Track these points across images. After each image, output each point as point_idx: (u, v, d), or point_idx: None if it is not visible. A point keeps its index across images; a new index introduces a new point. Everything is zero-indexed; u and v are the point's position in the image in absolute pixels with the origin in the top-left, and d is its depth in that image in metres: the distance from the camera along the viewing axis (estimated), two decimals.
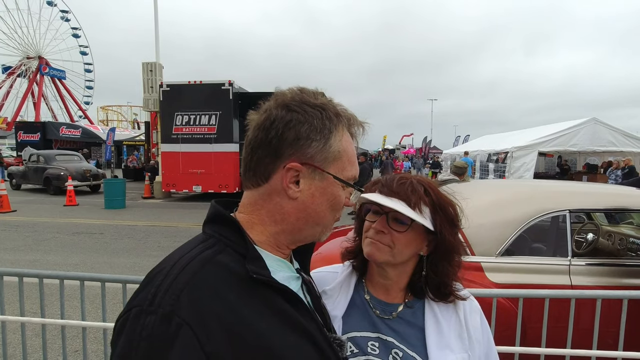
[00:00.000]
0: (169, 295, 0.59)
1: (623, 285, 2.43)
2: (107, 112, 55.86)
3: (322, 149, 0.71)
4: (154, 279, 0.63)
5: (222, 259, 0.67)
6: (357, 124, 0.79)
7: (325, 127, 0.72)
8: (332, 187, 0.74)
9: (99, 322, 2.20)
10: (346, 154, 0.75)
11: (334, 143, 0.73)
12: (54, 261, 6.36)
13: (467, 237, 2.62)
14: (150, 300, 0.59)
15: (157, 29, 16.67)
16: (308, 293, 0.82)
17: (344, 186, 0.76)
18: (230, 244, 0.70)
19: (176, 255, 0.68)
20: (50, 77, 49.16)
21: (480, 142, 21.90)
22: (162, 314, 0.57)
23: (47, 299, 2.27)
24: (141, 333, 0.56)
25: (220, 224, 0.73)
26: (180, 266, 0.64)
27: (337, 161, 0.74)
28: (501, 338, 2.05)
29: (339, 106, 0.77)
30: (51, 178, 15.53)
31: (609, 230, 3.82)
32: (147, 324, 0.56)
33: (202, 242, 0.70)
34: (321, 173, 0.72)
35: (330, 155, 0.73)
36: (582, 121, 13.28)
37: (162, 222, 9.95)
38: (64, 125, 32.25)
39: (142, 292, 0.62)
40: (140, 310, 0.58)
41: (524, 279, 2.49)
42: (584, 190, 3.15)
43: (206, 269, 0.64)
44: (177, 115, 13.67)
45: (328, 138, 0.72)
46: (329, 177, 0.73)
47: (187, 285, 0.60)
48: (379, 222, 0.94)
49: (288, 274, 0.76)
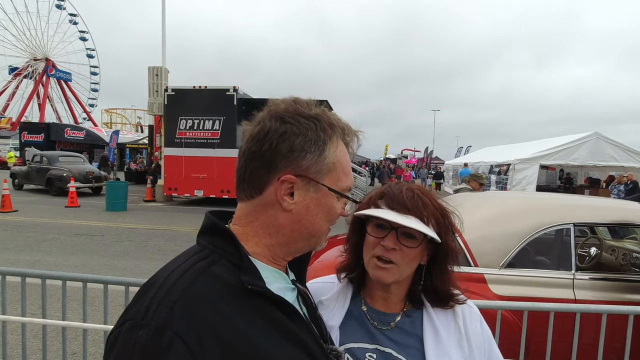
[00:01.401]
0: (162, 308, 0.58)
1: (627, 300, 2.42)
2: (111, 114, 56.28)
3: (316, 161, 0.71)
4: (148, 292, 0.62)
5: (216, 270, 0.66)
6: (352, 133, 0.79)
7: (320, 138, 0.72)
8: (326, 199, 0.73)
9: (100, 325, 2.20)
10: (340, 165, 0.75)
11: (329, 154, 0.72)
12: (54, 262, 6.35)
13: (471, 248, 2.61)
14: (143, 313, 0.58)
15: (164, 33, 16.84)
16: (304, 304, 0.81)
17: (338, 197, 0.75)
18: (225, 255, 0.69)
19: (170, 267, 0.67)
20: (56, 79, 49.64)
21: (482, 153, 21.93)
22: (155, 327, 0.56)
23: (47, 300, 2.26)
24: (134, 347, 0.56)
25: (215, 235, 0.72)
26: (174, 278, 0.63)
27: (331, 172, 0.73)
28: (505, 351, 2.03)
29: (333, 116, 0.76)
30: (54, 179, 15.56)
31: (613, 245, 3.80)
32: (139, 338, 0.56)
33: (196, 253, 0.70)
34: (316, 185, 0.72)
35: (325, 167, 0.72)
36: (584, 135, 13.33)
37: (163, 226, 9.96)
38: (68, 126, 32.43)
39: (135, 305, 0.61)
40: (133, 323, 0.58)
41: (527, 291, 2.48)
42: (588, 203, 3.14)
43: (200, 280, 0.63)
44: (181, 120, 13.75)
45: (322, 150, 0.72)
46: (324, 188, 0.72)
47: (180, 297, 0.60)
48: (390, 239, 0.90)
49: (283, 285, 0.76)
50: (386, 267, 0.90)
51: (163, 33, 16.83)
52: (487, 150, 22.46)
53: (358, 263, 1.00)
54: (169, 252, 7.17)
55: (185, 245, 6.54)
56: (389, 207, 0.91)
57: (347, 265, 1.03)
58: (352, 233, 1.02)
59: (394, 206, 0.91)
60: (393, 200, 0.92)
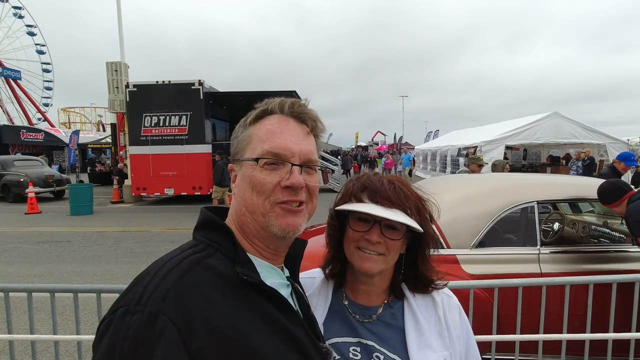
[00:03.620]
0: (155, 295, 0.59)
1: (587, 270, 2.58)
2: (69, 114, 53.27)
3: (238, 144, 0.78)
4: (142, 280, 0.63)
5: (211, 262, 0.68)
6: (273, 103, 0.77)
7: (241, 125, 0.79)
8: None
9: (72, 335, 2.11)
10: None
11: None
12: (17, 273, 6.01)
13: (443, 230, 2.70)
14: (137, 300, 0.59)
15: (121, 26, 16.05)
16: (298, 301, 0.82)
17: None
18: (220, 249, 0.71)
19: (164, 259, 0.68)
20: (4, 78, 46.28)
21: (450, 137, 22.56)
22: (148, 312, 0.57)
23: (12, 313, 2.14)
24: (127, 332, 0.56)
25: (211, 229, 0.74)
26: (168, 268, 0.64)
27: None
28: (478, 328, 2.13)
29: (266, 102, 0.79)
30: (10, 185, 14.69)
31: (573, 219, 4.04)
32: (132, 323, 0.57)
33: (192, 247, 0.71)
34: (240, 163, 0.76)
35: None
36: (544, 115, 13.98)
37: (133, 227, 9.61)
38: (23, 128, 30.54)
39: (129, 293, 0.62)
40: (126, 310, 0.59)
41: (497, 269, 2.60)
42: (549, 181, 3.31)
43: (194, 271, 0.64)
44: (145, 117, 13.23)
45: (242, 132, 0.78)
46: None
47: (174, 285, 0.61)
48: (374, 233, 0.89)
49: (278, 280, 0.77)
50: (372, 256, 0.90)
51: (119, 26, 16.04)
52: (454, 134, 23.11)
53: (339, 256, 0.99)
54: (141, 254, 6.96)
55: (159, 246, 6.34)
56: (372, 200, 0.90)
57: (330, 259, 1.02)
58: (332, 227, 1.00)
59: (378, 200, 0.89)
60: (376, 193, 0.90)
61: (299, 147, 0.74)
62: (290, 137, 0.74)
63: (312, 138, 0.78)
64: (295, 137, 0.74)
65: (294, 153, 0.73)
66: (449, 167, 18.80)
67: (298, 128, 0.76)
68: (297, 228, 0.73)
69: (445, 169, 19.42)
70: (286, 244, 0.78)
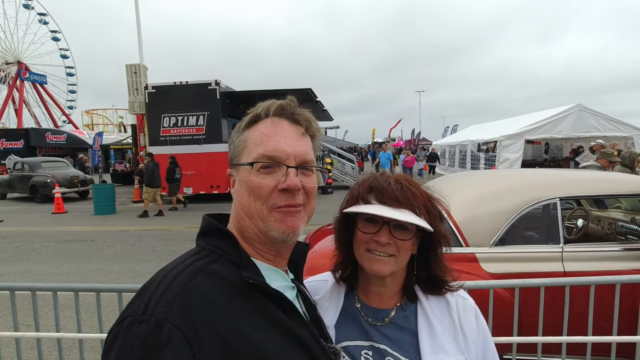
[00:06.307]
0: (161, 303, 0.60)
1: (613, 269, 2.48)
2: (92, 116, 54.92)
3: (234, 149, 0.78)
4: (147, 290, 0.64)
5: (215, 268, 0.68)
6: (265, 106, 0.77)
7: (236, 130, 0.80)
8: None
9: (95, 334, 2.17)
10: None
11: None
12: (45, 271, 6.25)
13: (461, 228, 2.65)
14: (143, 309, 0.60)
15: (140, 29, 16.39)
16: (303, 303, 0.81)
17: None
18: (224, 254, 0.71)
19: (168, 267, 0.69)
20: (30, 83, 48.01)
21: (469, 132, 22.06)
22: (155, 321, 0.58)
23: (40, 310, 2.23)
24: (134, 342, 0.57)
25: (213, 236, 0.74)
26: (173, 275, 0.64)
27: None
28: (498, 328, 2.08)
29: (261, 105, 0.78)
30: (37, 186, 15.24)
31: (599, 215, 3.89)
32: (140, 333, 0.57)
33: (196, 254, 0.71)
34: (236, 167, 0.77)
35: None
36: (567, 107, 13.51)
37: (154, 226, 9.84)
38: (49, 131, 31.61)
39: (135, 303, 0.63)
40: (133, 319, 0.59)
41: (518, 267, 2.53)
42: (572, 177, 3.20)
43: (199, 277, 0.65)
44: (164, 117, 13.50)
45: (237, 137, 0.78)
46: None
47: (179, 293, 0.61)
48: (383, 234, 0.88)
49: (283, 283, 0.77)
50: (383, 258, 0.88)
51: (138, 29, 16.39)
52: (473, 129, 22.58)
53: (350, 260, 0.98)
54: (162, 253, 7.12)
55: (179, 244, 6.48)
56: (380, 201, 0.89)
57: (340, 263, 1.01)
58: (341, 230, 0.99)
59: (385, 200, 0.88)
60: (383, 194, 0.89)
61: (294, 149, 0.73)
62: (284, 139, 0.74)
63: (307, 138, 0.78)
64: (289, 139, 0.74)
65: (289, 155, 0.73)
66: (468, 164, 18.41)
67: (292, 129, 0.76)
68: (297, 230, 0.73)
69: (465, 165, 19.03)
70: (287, 246, 0.78)
